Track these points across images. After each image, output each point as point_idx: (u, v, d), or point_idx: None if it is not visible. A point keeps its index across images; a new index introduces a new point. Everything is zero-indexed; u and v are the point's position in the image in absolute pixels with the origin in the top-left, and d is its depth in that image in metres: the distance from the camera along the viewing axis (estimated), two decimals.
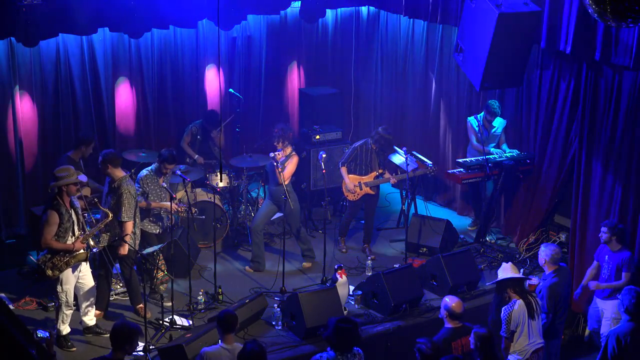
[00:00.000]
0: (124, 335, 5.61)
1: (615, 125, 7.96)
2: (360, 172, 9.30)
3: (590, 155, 8.26)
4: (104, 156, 7.65)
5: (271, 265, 9.00)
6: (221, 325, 6.13)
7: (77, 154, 8.70)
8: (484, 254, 9.36)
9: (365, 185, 9.27)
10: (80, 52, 9.59)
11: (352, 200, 9.40)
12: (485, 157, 9.33)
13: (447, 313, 6.51)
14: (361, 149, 9.27)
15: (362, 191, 9.30)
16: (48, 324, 7.61)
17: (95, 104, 9.83)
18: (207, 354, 6.02)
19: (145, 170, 8.27)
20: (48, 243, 7.08)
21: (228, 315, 6.18)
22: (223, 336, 6.12)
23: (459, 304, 6.54)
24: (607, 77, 7.97)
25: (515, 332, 6.73)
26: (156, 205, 8.13)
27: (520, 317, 6.69)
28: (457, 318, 6.50)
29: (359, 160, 9.27)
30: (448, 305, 6.51)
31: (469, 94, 10.30)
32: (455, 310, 6.49)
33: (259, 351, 5.60)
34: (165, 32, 10.06)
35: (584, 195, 8.38)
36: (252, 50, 11.16)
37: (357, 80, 12.03)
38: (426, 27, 10.82)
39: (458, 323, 6.51)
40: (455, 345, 6.40)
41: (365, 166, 9.28)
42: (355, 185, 9.24)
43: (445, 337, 6.41)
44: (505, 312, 6.73)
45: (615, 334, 6.44)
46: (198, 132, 10.14)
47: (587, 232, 8.38)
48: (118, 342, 5.61)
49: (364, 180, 9.27)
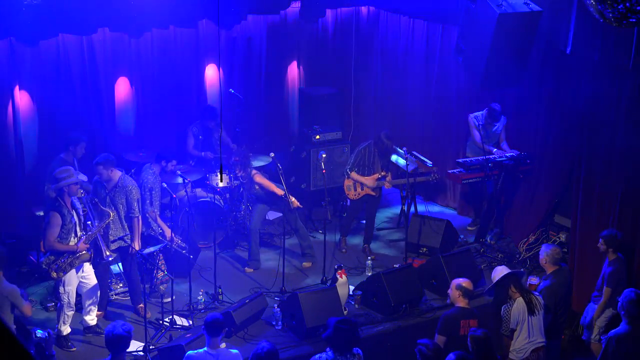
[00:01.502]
0: (116, 341, 5.74)
1: (615, 124, 7.96)
2: (363, 173, 9.31)
3: (591, 155, 8.26)
4: (107, 161, 7.65)
5: (271, 265, 8.99)
6: (207, 329, 6.10)
7: (69, 155, 8.63)
8: (484, 254, 9.36)
9: (366, 186, 9.28)
10: (80, 52, 9.59)
11: (353, 200, 9.41)
12: (485, 157, 9.32)
13: (461, 292, 6.67)
14: (365, 151, 9.29)
15: (363, 191, 9.31)
16: (48, 324, 7.61)
17: (95, 104, 9.83)
18: (190, 358, 6.03)
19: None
20: (52, 245, 7.09)
21: (213, 319, 6.12)
22: (209, 340, 6.10)
23: (469, 282, 6.77)
24: (608, 77, 7.97)
25: (515, 330, 6.73)
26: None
27: (520, 315, 6.70)
28: (469, 297, 6.71)
29: (363, 162, 9.29)
30: (460, 283, 6.70)
31: (469, 94, 10.29)
32: (468, 288, 6.70)
33: (269, 349, 5.66)
34: (165, 32, 10.06)
35: (584, 195, 8.37)
36: (252, 50, 11.15)
37: (357, 80, 12.03)
38: (426, 27, 10.82)
39: (468, 304, 6.70)
40: (464, 324, 6.58)
41: (368, 168, 9.29)
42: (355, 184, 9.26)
43: (456, 315, 6.60)
44: (504, 310, 6.75)
45: (615, 335, 6.44)
46: (199, 132, 10.13)
47: (587, 232, 8.37)
48: (116, 348, 5.75)
49: (365, 181, 9.27)
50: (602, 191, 8.17)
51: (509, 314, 6.71)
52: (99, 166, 7.67)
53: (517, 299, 6.76)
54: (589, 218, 8.32)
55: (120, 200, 7.68)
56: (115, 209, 7.64)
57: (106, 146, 9.86)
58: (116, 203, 7.67)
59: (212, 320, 6.11)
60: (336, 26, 11.80)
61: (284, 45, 11.38)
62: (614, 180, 8.03)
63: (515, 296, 6.81)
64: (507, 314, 6.73)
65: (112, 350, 5.81)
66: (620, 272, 7.34)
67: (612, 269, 7.33)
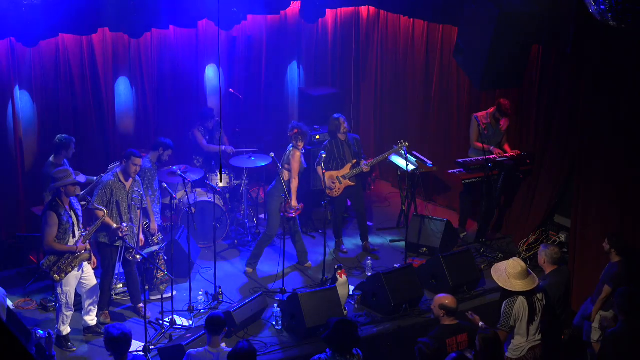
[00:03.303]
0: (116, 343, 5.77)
1: (615, 124, 7.96)
2: (337, 167, 9.31)
3: (591, 155, 8.26)
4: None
5: (271, 265, 8.99)
6: (207, 328, 6.13)
7: (59, 159, 8.55)
8: (484, 254, 9.36)
9: (344, 178, 9.28)
10: (80, 52, 9.59)
11: (334, 197, 9.40)
12: (485, 157, 9.32)
13: (444, 311, 6.43)
14: (331, 145, 9.28)
15: (342, 185, 9.31)
16: (48, 324, 7.61)
17: (95, 104, 9.83)
18: (191, 356, 6.05)
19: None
20: (50, 245, 7.08)
21: (214, 318, 6.15)
22: (210, 338, 6.12)
23: (452, 300, 6.50)
24: (608, 77, 7.97)
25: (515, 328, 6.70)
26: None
27: (520, 313, 6.66)
28: (453, 314, 6.46)
29: (333, 156, 9.28)
30: (443, 303, 6.45)
31: (469, 94, 10.29)
32: (452, 307, 6.43)
33: (248, 349, 5.61)
34: (165, 32, 10.06)
35: (584, 195, 8.37)
36: (252, 50, 11.15)
37: (357, 80, 12.03)
38: (426, 27, 10.82)
39: (454, 320, 6.45)
40: (450, 342, 6.34)
41: (340, 160, 9.29)
42: (333, 181, 9.26)
43: (441, 335, 6.35)
44: (506, 305, 6.68)
45: (612, 334, 6.44)
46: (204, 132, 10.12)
47: (587, 232, 8.37)
48: (117, 350, 5.78)
49: (341, 174, 9.28)
50: (603, 191, 8.17)
51: (510, 310, 6.67)
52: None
53: (519, 296, 6.72)
54: (589, 218, 8.32)
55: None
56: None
57: (106, 146, 9.88)
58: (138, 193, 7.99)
59: (214, 319, 6.12)
60: (336, 26, 11.80)
61: (284, 45, 11.38)
62: (614, 180, 8.03)
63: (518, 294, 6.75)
64: (509, 310, 6.67)
65: (113, 352, 5.81)
66: (621, 274, 7.34)
67: (616, 270, 7.32)
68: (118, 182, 7.73)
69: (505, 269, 6.78)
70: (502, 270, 6.81)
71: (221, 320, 6.15)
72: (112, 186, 7.70)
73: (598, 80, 8.08)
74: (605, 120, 8.04)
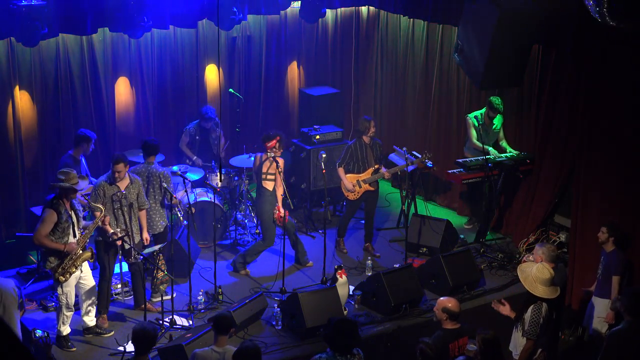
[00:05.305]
0: (145, 339, 5.78)
1: (615, 124, 7.96)
2: (358, 170, 9.29)
3: (591, 155, 8.26)
4: (125, 159, 7.71)
5: (271, 265, 8.99)
6: (214, 327, 6.17)
7: (78, 152, 8.67)
8: (484, 254, 9.35)
9: (364, 182, 9.27)
10: (80, 52, 9.59)
11: (351, 200, 9.39)
12: (485, 157, 9.32)
13: (447, 315, 6.36)
14: (355, 147, 9.27)
15: (361, 189, 9.29)
16: (48, 324, 7.61)
17: (96, 104, 9.84)
18: (197, 356, 6.05)
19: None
20: (40, 240, 7.05)
21: (221, 317, 6.18)
22: (216, 338, 6.14)
23: (456, 304, 6.44)
24: (608, 77, 7.97)
25: None
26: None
27: (544, 320, 6.58)
28: (456, 319, 6.41)
29: (355, 158, 9.27)
30: (446, 306, 6.39)
31: (469, 94, 10.29)
32: (455, 311, 6.37)
33: (253, 348, 5.64)
34: (165, 32, 10.06)
35: (584, 195, 8.37)
36: (252, 50, 11.16)
37: (357, 80, 12.04)
38: (426, 27, 10.82)
39: (456, 324, 6.40)
40: (453, 347, 6.29)
41: (362, 163, 9.28)
42: (354, 184, 9.24)
43: (444, 339, 6.29)
44: (534, 312, 6.54)
45: (616, 333, 6.43)
46: (197, 132, 10.14)
47: (587, 232, 8.37)
48: (143, 346, 5.79)
49: (362, 178, 9.27)
50: (603, 191, 8.17)
51: (539, 318, 6.48)
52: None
53: (543, 303, 6.60)
54: (589, 218, 8.32)
55: (137, 191, 7.95)
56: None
57: (106, 146, 9.89)
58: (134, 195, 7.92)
59: (222, 318, 6.16)
60: (336, 26, 11.81)
61: (284, 45, 11.38)
62: (614, 180, 8.03)
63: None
64: (536, 318, 6.48)
65: (137, 348, 5.84)
66: (623, 261, 7.35)
67: (617, 259, 7.33)
68: (110, 184, 7.70)
69: (532, 272, 6.62)
70: (529, 272, 6.65)
71: (229, 320, 6.20)
72: (104, 187, 7.69)
73: (598, 80, 8.08)
74: (605, 120, 8.04)
